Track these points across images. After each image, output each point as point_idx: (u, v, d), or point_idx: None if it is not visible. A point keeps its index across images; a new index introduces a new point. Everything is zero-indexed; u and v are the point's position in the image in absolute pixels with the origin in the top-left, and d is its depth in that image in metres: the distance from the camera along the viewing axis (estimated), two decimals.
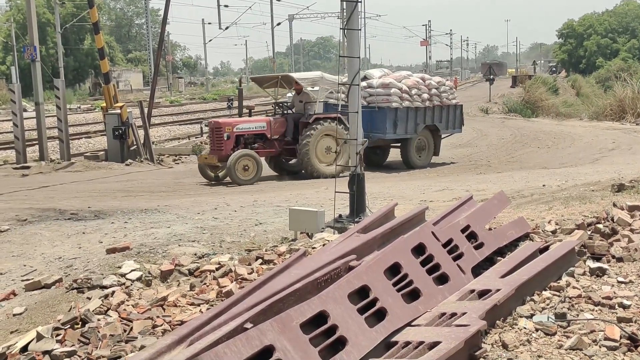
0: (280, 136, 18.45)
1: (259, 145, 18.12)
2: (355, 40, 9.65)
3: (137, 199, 14.90)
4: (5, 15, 78.91)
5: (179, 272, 7.30)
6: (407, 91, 20.28)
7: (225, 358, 3.49)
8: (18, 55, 56.54)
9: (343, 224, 9.23)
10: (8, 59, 67.36)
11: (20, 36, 59.39)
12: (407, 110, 20.15)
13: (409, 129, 20.27)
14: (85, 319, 5.80)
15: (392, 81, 20.32)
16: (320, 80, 18.96)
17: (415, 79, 21.11)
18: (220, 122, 18.56)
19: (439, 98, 21.13)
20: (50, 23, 64.09)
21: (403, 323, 4.48)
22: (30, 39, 22.28)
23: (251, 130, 18.13)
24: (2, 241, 10.06)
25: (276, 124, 18.45)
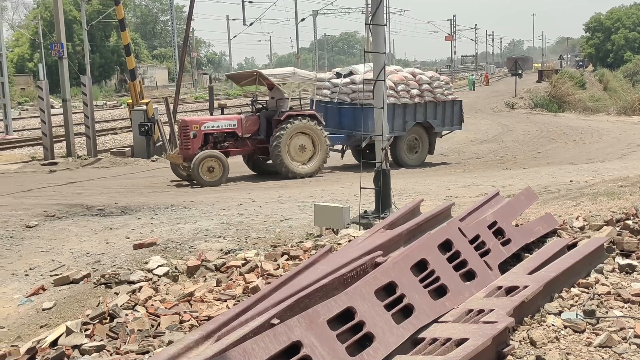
0: (253, 134, 17.78)
1: (229, 144, 17.49)
2: (380, 35, 9.62)
3: (163, 194, 15.01)
4: (32, 13, 79.78)
5: (206, 268, 7.34)
6: (393, 87, 19.40)
7: (253, 354, 3.49)
8: (45, 52, 57.22)
9: (368, 220, 9.21)
10: (35, 56, 68.13)
11: (47, 34, 60.06)
12: (394, 107, 19.09)
13: (396, 127, 19.24)
14: (113, 314, 5.86)
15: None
16: (292, 77, 18.02)
17: (403, 74, 20.24)
18: (186, 120, 17.83)
19: (431, 94, 20.17)
20: (76, 20, 64.67)
21: (430, 320, 4.46)
22: (58, 37, 22.49)
23: (220, 128, 17.45)
24: (31, 237, 10.18)
25: (248, 121, 17.74)
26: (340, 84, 19.99)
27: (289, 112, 17.62)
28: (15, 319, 7.00)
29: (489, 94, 52.98)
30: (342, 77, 20.30)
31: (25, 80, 65.83)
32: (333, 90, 20.28)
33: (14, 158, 23.46)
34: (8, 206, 12.54)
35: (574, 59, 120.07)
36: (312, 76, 18.94)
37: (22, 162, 22.35)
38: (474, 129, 30.15)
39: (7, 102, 28.73)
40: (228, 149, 17.41)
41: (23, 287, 8.00)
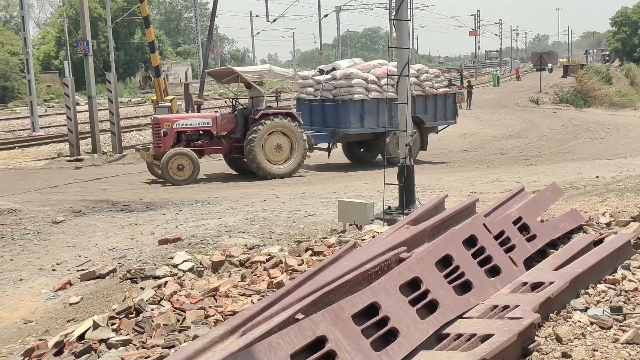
0: (229, 133, 17.32)
1: (203, 142, 17.15)
2: (404, 31, 9.60)
3: (188, 190, 15.10)
4: (58, 10, 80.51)
5: (230, 263, 7.38)
6: (375, 81, 18.86)
7: (278, 348, 3.51)
8: (71, 50, 57.73)
9: (392, 216, 9.21)
10: (61, 54, 68.74)
11: (72, 31, 60.58)
12: (378, 102, 18.57)
13: (382, 122, 18.28)
14: (139, 308, 5.91)
15: (353, 71, 18.89)
16: (268, 74, 17.61)
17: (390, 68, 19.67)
18: (158, 118, 17.46)
19: (419, 87, 19.51)
20: (101, 18, 65.15)
21: (454, 315, 4.45)
22: (83, 34, 22.70)
23: (194, 126, 17.07)
24: (58, 232, 10.30)
25: (223, 120, 17.33)
26: (323, 81, 19.39)
27: (264, 110, 17.09)
28: (43, 313, 7.10)
29: (513, 90, 52.64)
30: (325, 74, 19.82)
31: (51, 77, 66.49)
32: (316, 87, 19.76)
33: (41, 155, 23.73)
34: (35, 202, 12.69)
35: (600, 54, 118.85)
36: (290, 74, 18.42)
37: (49, 158, 22.60)
38: (499, 125, 29.98)
39: (34, 100, 29.05)
40: (202, 148, 17.06)
41: (50, 282, 8.10)
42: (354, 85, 18.53)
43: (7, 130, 32.54)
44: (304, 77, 20.85)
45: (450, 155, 21.40)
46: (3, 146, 25.21)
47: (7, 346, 6.32)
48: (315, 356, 3.62)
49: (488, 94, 49.73)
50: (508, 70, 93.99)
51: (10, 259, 9.23)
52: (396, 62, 9.97)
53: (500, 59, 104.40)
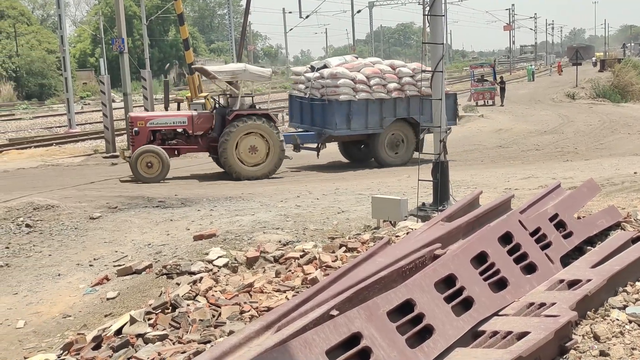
0: (206, 132, 16.93)
1: (178, 141, 16.86)
2: (438, 26, 9.55)
3: (222, 186, 15.19)
4: (93, 9, 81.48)
5: (264, 259, 7.42)
6: (365, 81, 18.05)
7: (313, 344, 3.53)
8: (106, 47, 58.40)
9: (426, 213, 9.17)
10: (97, 51, 69.59)
11: (108, 29, 61.26)
12: (367, 102, 17.94)
13: (371, 124, 18.10)
14: (175, 304, 5.98)
15: (340, 71, 18.09)
16: (242, 73, 17.00)
17: (379, 67, 18.68)
18: (132, 116, 17.31)
19: (414, 87, 18.42)
20: (136, 16, 65.79)
21: (490, 313, 4.43)
22: (119, 32, 22.92)
23: (169, 125, 16.74)
24: (95, 228, 10.44)
25: (200, 119, 16.94)
26: (312, 79, 18.81)
27: (237, 111, 16.67)
28: (81, 308, 7.21)
29: (549, 85, 52.01)
30: (315, 71, 19.23)
31: (87, 75, 67.34)
32: (307, 85, 19.19)
33: (77, 151, 24.04)
34: (72, 198, 12.87)
35: (638, 48, 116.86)
36: (267, 74, 17.69)
37: (85, 155, 22.89)
38: (534, 120, 29.66)
39: (70, 97, 29.42)
40: (177, 147, 16.86)
41: (88, 277, 8.23)
42: (339, 85, 17.82)
43: (44, 128, 33.05)
44: (297, 72, 20.46)
45: (484, 151, 21.22)
46: (40, 143, 25.61)
47: (46, 340, 6.44)
48: (350, 353, 3.63)
49: (523, 89, 49.23)
50: (543, 65, 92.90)
51: (48, 254, 9.39)
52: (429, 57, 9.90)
53: (535, 54, 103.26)
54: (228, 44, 71.85)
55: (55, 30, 61.33)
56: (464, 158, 19.69)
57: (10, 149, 24.08)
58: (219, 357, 3.62)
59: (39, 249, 9.68)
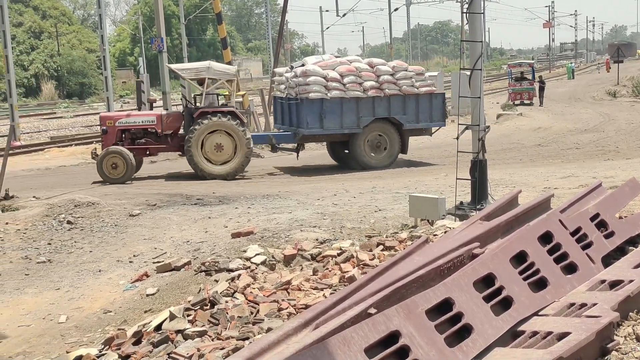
0: (175, 131, 16.77)
1: (147, 141, 16.68)
2: (477, 23, 9.48)
3: (259, 184, 15.28)
4: (133, 8, 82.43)
5: (302, 257, 7.46)
6: (338, 79, 17.29)
7: (352, 342, 3.53)
8: (145, 46, 59.09)
9: (464, 212, 9.12)
10: (136, 51, 70.41)
11: (147, 28, 61.99)
12: (341, 101, 17.23)
13: (346, 123, 17.37)
14: (213, 300, 6.03)
15: (311, 68, 17.46)
16: (206, 71, 16.72)
17: (357, 64, 17.88)
18: (101, 116, 17.25)
19: (395, 86, 17.70)
20: (174, 15, 66.41)
21: (530, 312, 4.38)
22: (158, 31, 23.19)
23: (137, 124, 16.58)
24: (134, 225, 10.58)
25: (169, 118, 16.83)
26: (289, 78, 18.39)
27: (203, 109, 16.47)
28: (121, 304, 7.32)
29: (589, 82, 51.26)
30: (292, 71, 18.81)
31: (126, 74, 68.18)
32: (286, 85, 18.76)
33: None
34: (112, 195, 13.06)
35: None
36: (231, 71, 17.48)
37: None
38: (573, 119, 29.25)
39: (110, 95, 29.80)
40: (147, 146, 16.73)
41: (127, 273, 8.35)
42: (310, 83, 17.16)
43: (84, 126, 33.53)
44: (279, 73, 20.12)
45: (523, 150, 20.98)
46: (81, 141, 25.97)
47: (87, 335, 6.55)
48: (388, 351, 3.63)
49: (562, 87, 48.59)
50: (583, 63, 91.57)
51: (89, 250, 9.55)
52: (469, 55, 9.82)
53: (575, 51, 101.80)
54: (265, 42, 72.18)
55: (95, 29, 62.19)
56: (502, 157, 19.48)
57: (52, 147, 24.50)
58: (258, 353, 3.64)
59: (80, 245, 9.84)
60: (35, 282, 8.54)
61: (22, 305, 7.78)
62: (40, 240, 10.13)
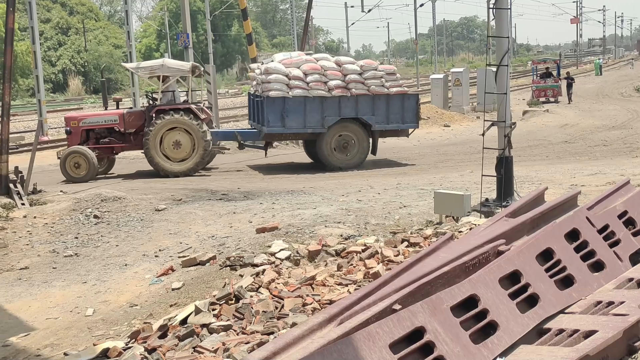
0: (138, 130, 16.59)
1: (111, 140, 16.60)
2: (504, 19, 9.41)
3: (283, 180, 15.30)
4: (159, 4, 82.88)
5: (326, 253, 7.47)
6: (301, 77, 16.83)
7: (377, 337, 3.54)
8: (171, 42, 59.38)
9: (490, 208, 9.08)
10: (162, 46, 70.76)
11: (173, 24, 62.31)
12: (305, 100, 16.74)
13: (310, 123, 16.86)
14: (238, 295, 6.06)
15: (272, 66, 17.11)
16: (160, 68, 16.67)
17: (323, 63, 17.32)
18: (65, 117, 17.25)
19: (363, 86, 17.11)
20: (200, 11, 66.66)
21: (556, 310, 4.35)
22: (184, 27, 23.29)
23: (101, 124, 16.51)
24: (160, 219, 10.66)
25: (131, 117, 16.73)
26: (257, 75, 18.04)
27: (159, 106, 16.40)
28: (147, 298, 7.38)
29: (617, 79, 50.68)
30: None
31: None
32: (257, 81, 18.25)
33: None
34: (139, 190, 13.17)
35: None
36: (186, 67, 17.14)
37: None
38: (601, 115, 28.94)
39: (136, 91, 29.98)
40: (111, 145, 16.65)
41: (153, 268, 8.42)
42: (271, 81, 16.79)
43: None
44: (253, 69, 19.85)
45: (549, 146, 20.79)
46: None
47: (114, 328, 6.61)
48: (413, 346, 3.63)
49: (590, 83, 48.07)
50: (612, 59, 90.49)
51: (116, 244, 9.64)
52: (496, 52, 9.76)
53: (603, 47, 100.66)
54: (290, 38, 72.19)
55: (122, 25, 62.61)
56: (528, 153, 19.33)
57: None
58: (283, 348, 3.66)
59: (107, 239, 9.94)
60: (63, 275, 8.65)
61: (50, 298, 7.88)
62: (68, 234, 10.25)
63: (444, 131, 25.92)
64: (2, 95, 13.48)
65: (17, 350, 6.33)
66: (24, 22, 37.40)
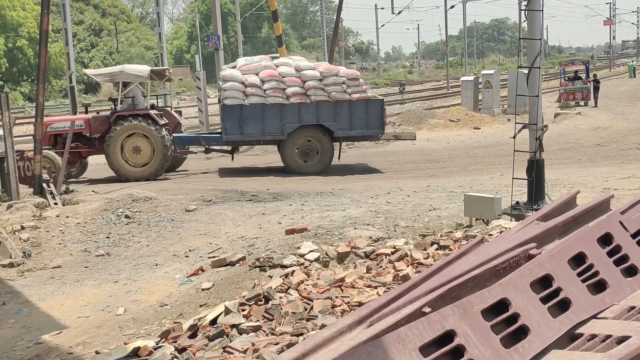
0: (103, 134, 16.68)
1: (78, 145, 16.63)
2: (536, 21, 9.34)
3: (312, 182, 15.32)
4: (190, 6, 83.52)
5: (355, 255, 7.47)
6: (257, 84, 16.71)
7: (407, 340, 3.52)
8: (201, 44, 59.80)
9: (520, 212, 9.01)
10: (192, 48, 71.35)
11: (203, 26, 62.74)
12: (262, 107, 16.62)
13: (269, 130, 16.76)
14: (268, 296, 6.09)
15: (228, 73, 17.09)
16: (120, 74, 16.90)
17: (283, 69, 17.10)
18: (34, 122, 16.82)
19: (323, 92, 16.87)
20: (230, 13, 67.11)
21: (588, 315, 4.30)
22: (215, 29, 23.46)
23: (67, 129, 16.10)
24: (190, 220, 10.74)
25: (97, 122, 16.86)
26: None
27: (118, 112, 16.60)
28: (177, 298, 7.44)
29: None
30: None
31: (182, 71, 69.04)
32: None
33: None
34: (169, 191, 13.28)
35: None
36: (145, 73, 17.16)
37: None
38: (634, 118, 28.57)
39: (168, 92, 30.28)
40: (78, 150, 16.68)
41: (183, 268, 8.48)
42: (226, 89, 16.78)
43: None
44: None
45: (581, 149, 20.58)
46: None
47: (144, 327, 6.67)
48: (443, 350, 3.61)
49: (622, 86, 47.44)
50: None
51: (146, 244, 9.73)
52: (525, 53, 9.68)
53: (637, 49, 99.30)
54: (320, 40, 72.31)
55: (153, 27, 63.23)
56: (559, 156, 19.14)
57: None
58: (312, 349, 3.66)
59: (138, 239, 10.04)
60: (95, 274, 8.75)
61: (81, 296, 7.98)
62: (99, 234, 10.37)
63: (474, 133, 25.76)
64: (36, 96, 13.68)
65: (49, 348, 6.42)
66: (58, 24, 37.93)
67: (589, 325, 4.21)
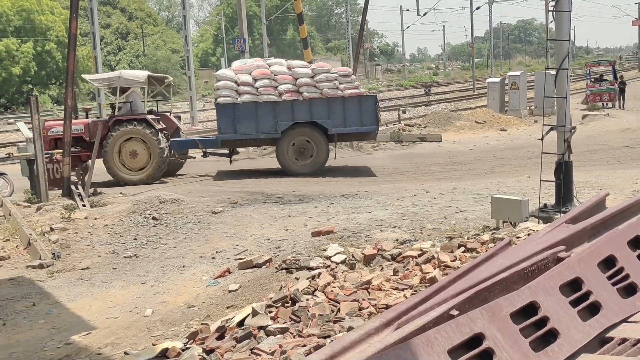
0: (102, 139, 16.68)
1: (77, 149, 16.70)
2: (564, 22, 9.27)
3: (338, 184, 15.33)
4: (215, 9, 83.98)
5: (382, 257, 7.46)
6: (249, 83, 16.82)
7: (436, 343, 3.51)
8: (227, 46, 60.12)
9: (548, 214, 8.94)
10: (218, 51, 71.78)
11: (229, 29, 63.07)
12: (255, 105, 16.68)
13: (263, 128, 16.79)
14: (294, 298, 6.09)
15: (220, 73, 17.41)
16: (117, 80, 17.07)
17: (274, 68, 17.22)
18: None
19: (315, 89, 16.95)
20: (256, 15, 67.39)
21: (619, 319, 4.26)
22: (240, 32, 23.60)
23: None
24: (217, 222, 10.79)
25: (96, 126, 16.86)
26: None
27: (116, 117, 16.78)
28: (204, 299, 7.48)
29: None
30: None
31: (208, 73, 69.48)
32: None
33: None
34: (196, 192, 13.36)
35: None
36: (141, 78, 17.35)
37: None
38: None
39: (193, 95, 30.49)
40: (78, 154, 16.74)
41: (210, 269, 8.53)
42: (219, 88, 16.91)
43: None
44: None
45: (610, 151, 20.36)
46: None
47: (172, 328, 6.72)
48: (472, 353, 3.59)
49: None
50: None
51: (173, 246, 9.80)
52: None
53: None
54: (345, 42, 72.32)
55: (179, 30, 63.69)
56: (588, 158, 18.95)
57: None
58: (340, 351, 3.66)
59: (165, 241, 10.11)
60: (122, 276, 8.83)
61: (110, 298, 8.05)
62: (127, 236, 10.46)
63: (501, 135, 25.61)
64: (65, 99, 13.84)
65: (78, 349, 6.48)
66: (85, 28, 38.41)
67: (619, 329, 4.17)
